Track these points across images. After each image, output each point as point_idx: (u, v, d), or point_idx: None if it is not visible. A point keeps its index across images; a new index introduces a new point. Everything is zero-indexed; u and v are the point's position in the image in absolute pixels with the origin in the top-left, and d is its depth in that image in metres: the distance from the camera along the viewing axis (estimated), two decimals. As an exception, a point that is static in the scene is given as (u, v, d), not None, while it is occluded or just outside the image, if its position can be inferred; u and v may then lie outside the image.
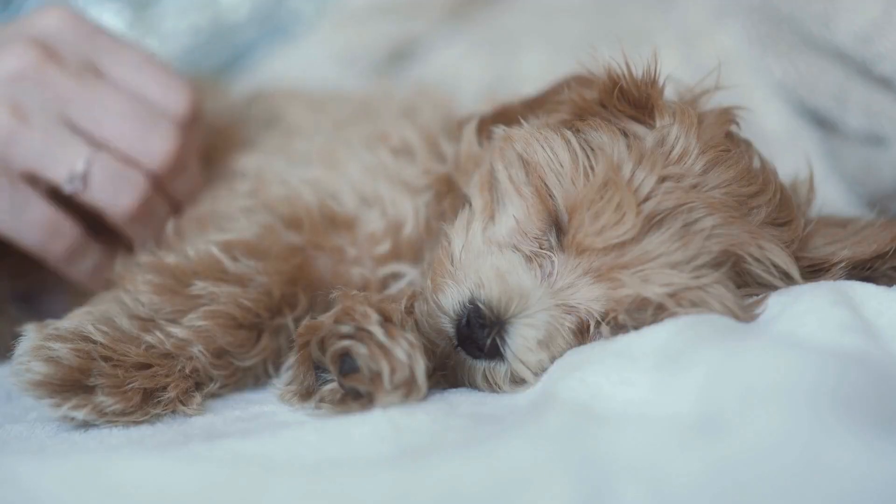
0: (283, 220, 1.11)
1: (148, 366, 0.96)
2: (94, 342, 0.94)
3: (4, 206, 1.17)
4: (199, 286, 1.02)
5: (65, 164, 1.17)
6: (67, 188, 1.18)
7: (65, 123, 1.19)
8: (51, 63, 1.19)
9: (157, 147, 1.21)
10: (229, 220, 1.13)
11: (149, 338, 0.98)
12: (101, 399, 0.92)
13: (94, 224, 1.24)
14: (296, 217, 1.11)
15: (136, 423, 0.94)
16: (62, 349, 0.92)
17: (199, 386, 1.00)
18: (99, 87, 1.21)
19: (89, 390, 0.92)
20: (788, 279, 0.95)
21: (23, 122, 1.16)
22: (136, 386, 0.93)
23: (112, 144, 1.20)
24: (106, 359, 0.94)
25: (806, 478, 0.67)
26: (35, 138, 1.17)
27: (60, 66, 1.20)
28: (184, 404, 0.96)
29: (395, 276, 1.12)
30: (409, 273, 1.11)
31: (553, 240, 0.95)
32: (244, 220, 1.12)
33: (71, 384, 0.92)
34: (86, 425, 0.93)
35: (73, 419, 0.92)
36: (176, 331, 0.99)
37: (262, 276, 1.05)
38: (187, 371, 0.98)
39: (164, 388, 0.96)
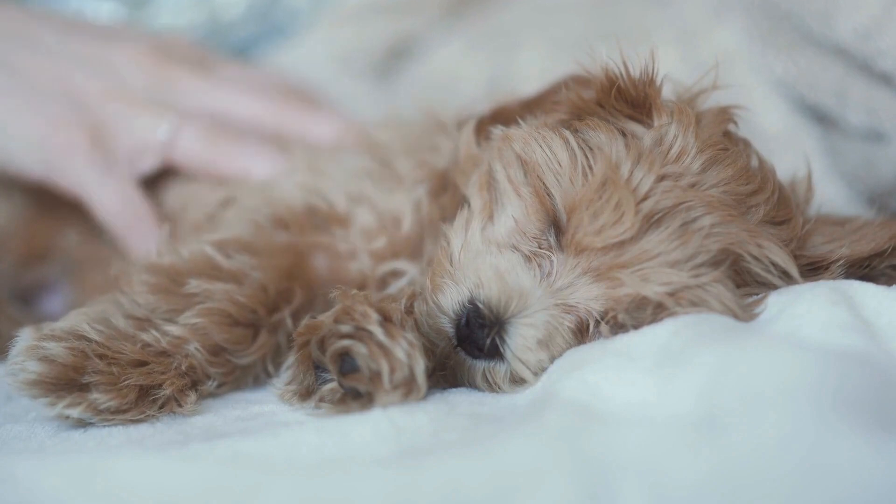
0: (269, 220, 1.12)
1: (144, 363, 0.96)
2: (89, 340, 0.95)
3: (94, 174, 1.27)
4: (194, 284, 1.02)
5: (149, 128, 1.30)
6: (159, 151, 1.30)
7: (189, 110, 1.33)
8: (173, 61, 1.36)
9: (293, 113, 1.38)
10: (221, 221, 1.14)
11: (145, 336, 0.98)
12: (96, 396, 0.92)
13: None
14: (280, 217, 1.12)
15: (132, 421, 0.94)
16: (56, 348, 0.92)
17: (196, 384, 1.00)
18: (217, 77, 1.37)
19: (84, 388, 0.92)
20: (787, 278, 0.95)
21: (133, 108, 1.31)
22: (131, 383, 0.94)
23: (246, 114, 1.36)
24: (101, 356, 0.94)
25: (810, 478, 0.67)
26: (137, 117, 1.31)
27: (182, 63, 1.36)
28: (179, 403, 0.96)
29: (395, 274, 1.12)
30: (409, 270, 1.11)
31: (552, 239, 0.95)
32: (236, 220, 1.13)
33: (66, 382, 0.92)
34: (85, 424, 0.93)
35: (68, 418, 0.92)
36: (172, 329, 1.00)
37: (257, 272, 1.05)
38: (183, 369, 0.99)
39: (160, 386, 0.96)
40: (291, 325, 1.06)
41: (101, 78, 1.32)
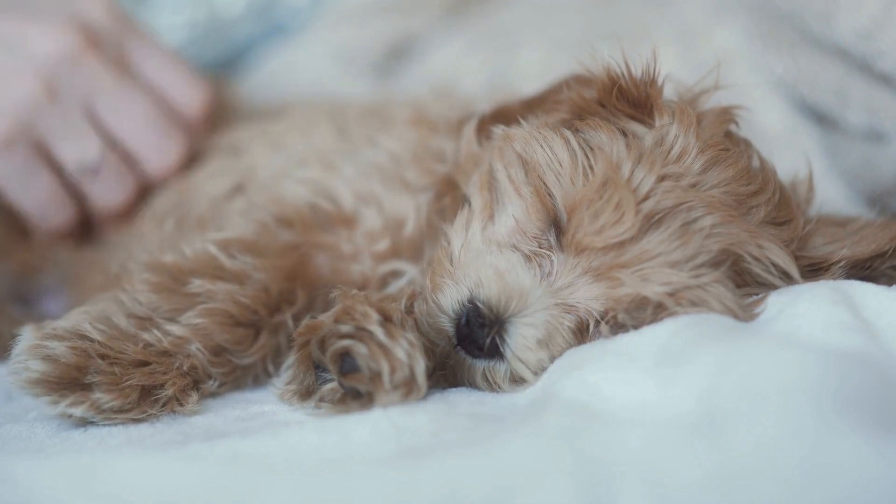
0: (274, 219, 1.11)
1: (145, 363, 0.96)
2: (92, 340, 0.95)
3: (15, 171, 1.24)
4: (197, 284, 1.02)
5: (78, 150, 1.24)
6: (76, 173, 1.25)
7: (87, 111, 1.25)
8: (91, 50, 1.25)
9: (166, 155, 1.29)
10: (226, 218, 1.14)
11: (146, 336, 0.98)
12: (99, 396, 0.92)
13: None
14: (285, 216, 1.12)
15: (135, 420, 0.94)
16: (59, 347, 0.92)
17: (197, 384, 1.00)
18: (128, 84, 1.27)
19: (87, 388, 0.92)
20: (788, 278, 0.95)
21: (52, 99, 1.22)
22: (133, 383, 0.94)
23: (126, 143, 1.27)
24: (103, 356, 0.94)
25: (810, 478, 0.67)
26: (57, 117, 1.23)
27: (99, 55, 1.25)
28: (181, 403, 0.96)
29: (395, 274, 1.12)
30: (409, 271, 1.11)
31: (552, 239, 0.95)
32: (240, 218, 1.12)
33: (68, 382, 0.92)
34: (85, 424, 0.94)
35: (70, 416, 0.93)
36: (173, 329, 1.00)
37: (260, 273, 1.05)
38: (185, 368, 0.99)
39: (162, 386, 0.96)
40: (293, 326, 1.06)
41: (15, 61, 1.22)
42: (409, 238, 1.12)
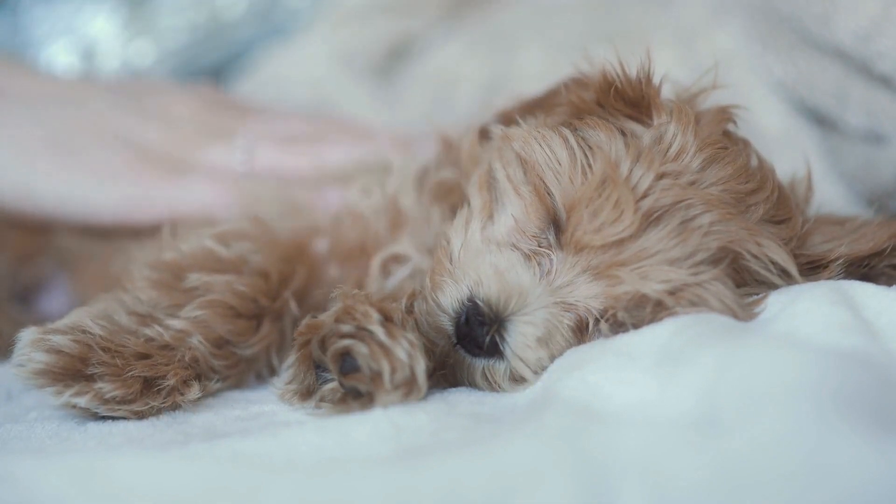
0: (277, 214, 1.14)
1: (147, 356, 0.96)
2: (93, 334, 0.95)
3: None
4: (194, 278, 1.03)
5: None
6: None
7: None
8: None
9: None
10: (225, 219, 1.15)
11: (147, 331, 0.99)
12: (102, 386, 0.92)
13: None
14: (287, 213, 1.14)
15: (138, 412, 0.94)
16: (62, 339, 0.93)
17: (199, 378, 1.01)
18: None
19: (90, 378, 0.93)
20: (787, 276, 0.95)
21: None
22: (135, 374, 0.94)
23: None
24: (105, 349, 0.94)
25: (811, 478, 0.67)
26: None
27: None
28: (182, 393, 0.97)
29: (398, 259, 1.12)
30: (414, 256, 1.11)
31: (552, 238, 0.95)
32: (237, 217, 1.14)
33: (72, 373, 0.93)
34: (89, 415, 0.94)
35: (74, 407, 0.93)
36: (174, 323, 1.00)
37: (257, 255, 1.06)
38: (187, 360, 0.99)
39: (164, 377, 0.96)
40: (296, 307, 1.07)
41: (162, 128, 1.30)
42: (407, 211, 1.13)
